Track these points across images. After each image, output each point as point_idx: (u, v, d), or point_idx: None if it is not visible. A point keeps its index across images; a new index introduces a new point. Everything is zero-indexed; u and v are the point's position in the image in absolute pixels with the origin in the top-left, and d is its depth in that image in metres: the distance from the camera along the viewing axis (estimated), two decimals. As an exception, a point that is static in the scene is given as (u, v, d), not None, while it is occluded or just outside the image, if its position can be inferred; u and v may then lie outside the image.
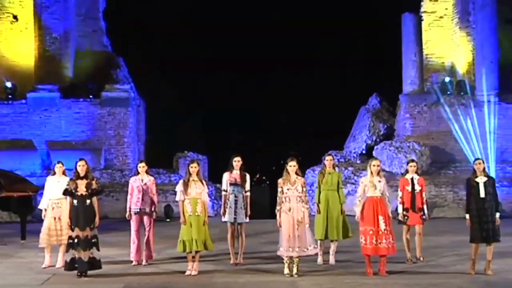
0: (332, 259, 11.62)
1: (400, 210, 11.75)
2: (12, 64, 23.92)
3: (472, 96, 23.00)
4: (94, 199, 10.55)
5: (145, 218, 11.85)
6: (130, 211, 11.85)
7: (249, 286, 10.01)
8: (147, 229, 11.84)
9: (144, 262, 11.72)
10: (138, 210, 11.79)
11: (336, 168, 12.39)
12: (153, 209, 11.90)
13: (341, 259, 11.73)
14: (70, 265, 10.49)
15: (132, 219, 11.83)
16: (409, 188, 11.73)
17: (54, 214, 11.48)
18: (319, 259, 11.58)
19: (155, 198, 11.98)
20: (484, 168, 10.66)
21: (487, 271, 10.51)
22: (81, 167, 10.58)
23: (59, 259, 11.41)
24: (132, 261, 11.74)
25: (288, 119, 30.08)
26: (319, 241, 11.56)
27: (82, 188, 10.46)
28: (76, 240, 10.35)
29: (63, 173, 11.70)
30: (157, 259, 12.07)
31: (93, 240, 10.49)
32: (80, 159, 10.75)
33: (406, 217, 11.65)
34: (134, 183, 11.91)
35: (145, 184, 11.85)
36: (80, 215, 10.39)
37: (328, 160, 11.84)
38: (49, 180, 11.78)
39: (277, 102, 29.40)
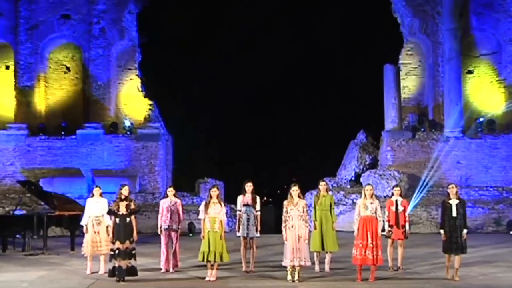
0: (327, 267, 11.60)
1: (386, 226, 11.75)
2: (65, 107, 24.31)
3: (441, 132, 23.07)
4: (133, 217, 10.61)
5: (173, 234, 11.88)
6: (160, 227, 11.91)
7: (258, 290, 10.03)
8: (174, 242, 11.87)
9: (171, 270, 11.72)
10: (167, 227, 11.84)
11: (330, 192, 12.39)
12: (179, 226, 11.95)
13: (335, 268, 11.71)
14: (112, 272, 10.55)
15: (162, 234, 11.89)
16: (393, 208, 11.73)
17: (94, 229, 11.51)
18: (316, 267, 11.55)
19: (181, 217, 12.03)
20: (456, 192, 10.64)
21: (455, 277, 10.50)
22: (127, 191, 10.71)
23: (101, 266, 11.45)
24: (161, 269, 11.76)
25: (291, 151, 30.17)
26: (315, 253, 11.56)
27: (123, 208, 10.55)
28: (117, 251, 10.41)
29: (100, 195, 11.75)
30: (182, 267, 12.07)
31: (132, 252, 10.55)
32: (124, 185, 10.83)
33: (390, 232, 11.66)
34: (164, 204, 11.97)
35: (173, 205, 11.90)
36: (121, 230, 10.46)
37: (322, 185, 11.78)
38: (89, 201, 11.79)
39: (281, 138, 29.68)
